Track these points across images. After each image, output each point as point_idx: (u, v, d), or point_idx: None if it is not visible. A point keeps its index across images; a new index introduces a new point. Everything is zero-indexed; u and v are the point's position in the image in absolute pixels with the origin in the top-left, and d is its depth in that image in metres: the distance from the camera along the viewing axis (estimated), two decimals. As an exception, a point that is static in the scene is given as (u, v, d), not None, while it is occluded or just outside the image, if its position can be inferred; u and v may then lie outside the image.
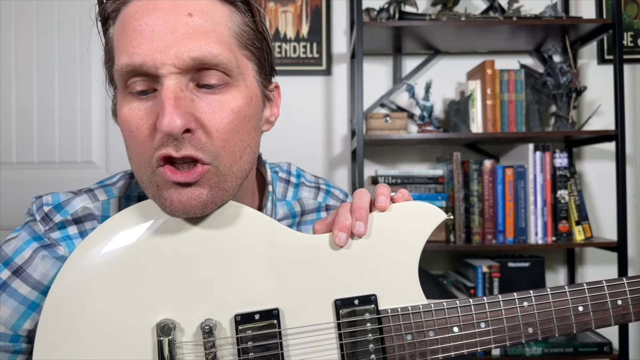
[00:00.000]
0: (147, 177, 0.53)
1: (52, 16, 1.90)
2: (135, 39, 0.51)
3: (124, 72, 0.52)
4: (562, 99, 1.73)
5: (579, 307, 0.57)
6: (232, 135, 0.53)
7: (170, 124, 0.48)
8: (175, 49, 0.50)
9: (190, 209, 0.52)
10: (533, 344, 1.63)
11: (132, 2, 0.53)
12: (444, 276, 1.88)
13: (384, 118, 1.76)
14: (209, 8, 0.53)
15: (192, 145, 0.51)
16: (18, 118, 1.90)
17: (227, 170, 0.54)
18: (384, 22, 1.71)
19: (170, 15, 0.51)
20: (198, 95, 0.52)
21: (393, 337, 0.55)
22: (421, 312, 0.56)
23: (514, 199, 1.68)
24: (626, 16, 1.95)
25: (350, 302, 0.55)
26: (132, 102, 0.53)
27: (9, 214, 1.87)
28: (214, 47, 0.51)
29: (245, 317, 0.54)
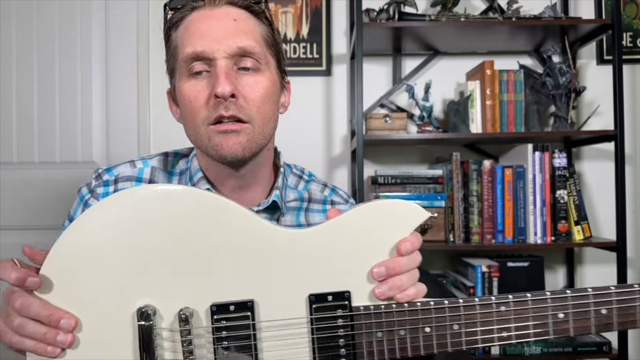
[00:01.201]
0: (203, 132, 0.72)
1: (52, 16, 1.90)
2: (198, 35, 0.71)
3: (188, 58, 0.71)
4: (562, 99, 1.73)
5: (559, 314, 0.56)
6: (262, 105, 0.73)
7: (223, 89, 0.68)
8: (226, 40, 0.71)
9: (234, 150, 0.70)
10: (532, 344, 1.64)
11: (194, 12, 0.74)
12: (443, 276, 1.89)
13: (383, 118, 1.76)
14: (246, 18, 0.74)
15: (236, 108, 0.70)
16: (19, 118, 1.90)
17: (259, 129, 0.73)
18: (384, 22, 1.72)
19: (222, 20, 0.72)
20: (239, 75, 0.72)
21: (363, 334, 0.56)
22: (394, 311, 0.56)
23: (513, 199, 1.69)
24: (625, 16, 1.95)
25: (324, 297, 0.56)
26: (191, 81, 0.73)
27: (9, 214, 1.87)
28: (251, 42, 0.72)
29: (220, 308, 0.55)
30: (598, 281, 1.92)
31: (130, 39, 1.91)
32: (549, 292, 0.57)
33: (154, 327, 0.54)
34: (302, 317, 0.56)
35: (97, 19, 1.91)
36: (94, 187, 0.81)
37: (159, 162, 0.85)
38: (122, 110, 1.92)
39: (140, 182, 0.80)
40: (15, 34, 1.91)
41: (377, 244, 0.58)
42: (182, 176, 0.83)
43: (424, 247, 1.84)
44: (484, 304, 0.56)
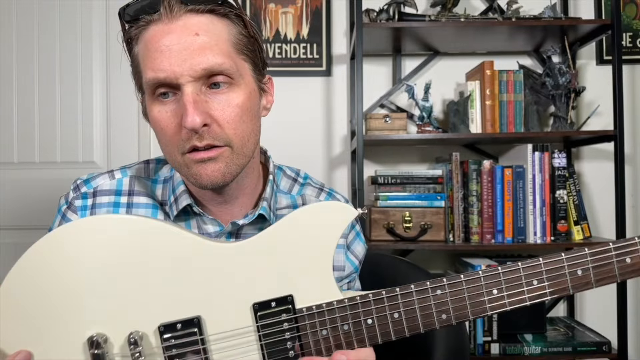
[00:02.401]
0: (179, 161, 0.69)
1: (53, 16, 1.91)
2: (157, 58, 0.65)
3: (151, 84, 0.67)
4: (561, 100, 1.73)
5: (493, 290, 0.58)
6: (239, 124, 0.68)
7: (192, 121, 0.63)
8: (189, 62, 0.64)
9: (214, 178, 0.67)
10: (532, 343, 1.64)
11: (150, 27, 0.67)
12: (443, 276, 1.89)
13: (383, 118, 1.76)
14: (210, 27, 0.67)
15: (210, 136, 0.66)
16: (19, 118, 1.91)
17: (238, 150, 0.69)
18: (384, 23, 1.72)
19: (182, 36, 0.65)
20: (210, 96, 0.67)
21: (309, 334, 0.58)
22: (335, 307, 0.58)
23: (512, 199, 1.69)
24: (625, 17, 1.95)
25: (268, 304, 0.58)
26: (159, 105, 0.68)
27: (9, 214, 1.87)
28: (218, 58, 0.66)
29: (168, 327, 0.57)
30: (598, 281, 1.92)
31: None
32: (480, 272, 0.59)
33: (106, 353, 0.55)
34: (249, 325, 0.58)
35: (98, 19, 1.92)
36: (72, 199, 0.78)
37: (138, 170, 0.82)
38: (123, 110, 1.92)
39: (119, 194, 0.78)
40: (16, 34, 1.91)
41: (312, 245, 0.60)
42: (165, 184, 0.80)
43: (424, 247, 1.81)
44: (420, 289, 0.58)
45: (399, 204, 1.71)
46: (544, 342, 1.65)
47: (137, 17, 0.67)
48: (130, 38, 0.69)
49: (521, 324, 1.71)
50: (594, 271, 0.59)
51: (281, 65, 1.94)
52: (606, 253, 0.59)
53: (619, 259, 0.59)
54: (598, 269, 0.59)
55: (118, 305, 0.57)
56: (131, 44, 0.70)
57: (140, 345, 0.55)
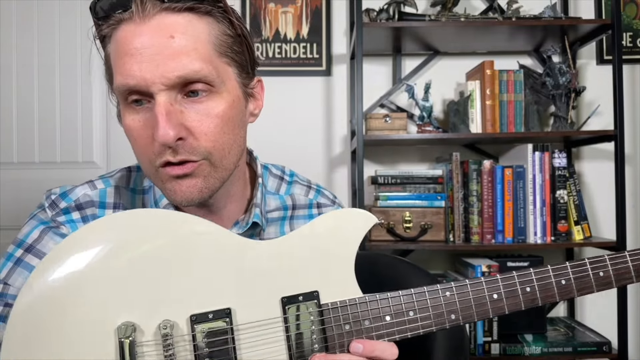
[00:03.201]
0: (153, 174, 0.64)
1: (53, 16, 1.91)
2: (127, 62, 0.59)
3: (121, 90, 0.61)
4: (561, 99, 1.73)
5: (493, 295, 0.64)
6: (220, 136, 0.62)
7: (164, 135, 0.58)
8: (161, 68, 0.58)
9: (190, 195, 0.62)
10: (532, 344, 1.64)
11: (121, 27, 0.60)
12: (443, 276, 1.89)
13: (383, 118, 1.76)
14: (188, 27, 0.60)
15: (185, 151, 0.60)
16: (19, 118, 1.91)
17: (218, 163, 0.63)
18: (384, 22, 1.72)
19: (155, 38, 0.58)
20: (186, 106, 0.61)
21: (333, 327, 0.61)
22: (357, 304, 0.62)
23: (513, 199, 1.69)
24: (625, 16, 1.95)
25: (295, 298, 0.61)
26: (132, 114, 0.62)
27: (9, 214, 1.87)
28: (195, 64, 0.59)
29: (200, 317, 0.59)
30: (598, 281, 1.92)
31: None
32: (482, 278, 0.65)
33: (135, 341, 0.56)
34: (277, 317, 0.61)
35: (98, 19, 1.91)
36: (53, 217, 0.70)
37: (121, 179, 0.75)
38: (122, 110, 1.92)
39: (103, 207, 0.72)
40: (15, 34, 1.91)
41: (336, 247, 0.64)
42: (146, 195, 0.74)
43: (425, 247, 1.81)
44: (432, 290, 0.63)
45: (399, 204, 1.71)
46: (544, 342, 1.65)
47: (108, 14, 0.60)
48: (103, 36, 0.63)
49: (521, 324, 1.70)
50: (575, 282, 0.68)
51: (281, 65, 1.94)
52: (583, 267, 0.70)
53: (594, 272, 0.70)
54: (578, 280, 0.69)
55: (149, 296, 0.59)
56: (104, 41, 0.64)
57: (171, 335, 0.57)
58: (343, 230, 0.65)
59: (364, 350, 0.60)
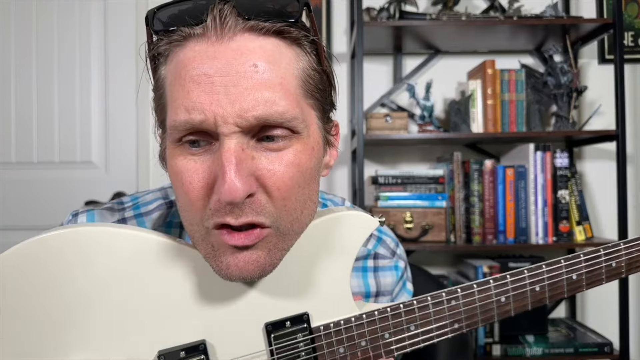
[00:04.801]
0: (201, 235, 0.49)
1: (51, 16, 1.89)
2: (193, 91, 0.46)
3: (181, 129, 0.47)
4: (563, 99, 1.72)
5: (501, 299, 0.59)
6: (294, 191, 0.49)
7: (231, 192, 0.44)
8: (238, 105, 0.45)
9: (247, 273, 0.49)
10: (533, 345, 1.63)
11: (188, 45, 0.47)
12: (444, 276, 1.88)
13: (384, 118, 1.75)
14: (276, 56, 0.48)
15: (253, 210, 0.47)
16: (17, 118, 1.90)
17: (287, 230, 0.50)
18: (384, 21, 1.71)
19: (234, 66, 0.46)
20: (258, 150, 0.48)
21: (326, 353, 0.55)
22: (353, 325, 0.55)
23: (514, 199, 1.68)
24: (627, 16, 1.95)
25: (282, 324, 0.53)
26: (186, 154, 0.49)
27: (9, 214, 1.86)
28: (280, 105, 0.47)
29: (169, 355, 0.50)
30: (599, 281, 1.91)
31: (129, 38, 1.90)
32: (491, 280, 0.60)
33: None
34: (262, 350, 0.53)
35: (96, 19, 1.90)
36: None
37: (159, 219, 0.64)
38: (121, 110, 1.91)
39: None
40: (14, 34, 1.90)
41: (330, 259, 0.55)
42: (183, 230, 0.62)
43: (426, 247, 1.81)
44: (436, 301, 0.58)
45: (399, 204, 1.70)
46: (545, 343, 1.64)
47: (172, 26, 0.48)
48: (159, 54, 0.50)
49: (523, 325, 1.70)
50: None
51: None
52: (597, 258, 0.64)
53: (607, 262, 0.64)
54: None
55: (115, 330, 0.50)
56: (158, 60, 0.51)
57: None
58: (336, 239, 0.55)
59: None
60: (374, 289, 0.73)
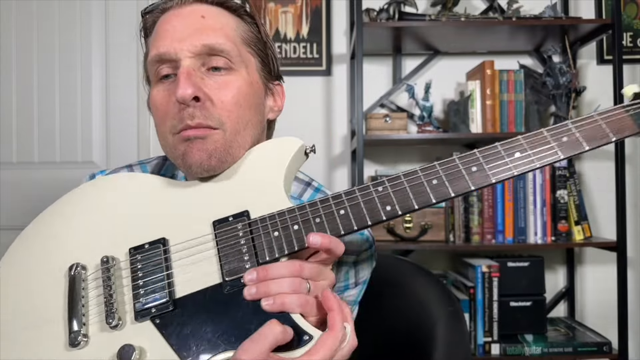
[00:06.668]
0: (170, 142, 0.67)
1: (52, 16, 1.90)
2: (161, 36, 0.67)
3: (152, 62, 0.67)
4: (562, 99, 1.73)
5: (432, 181, 0.61)
6: (235, 107, 0.66)
7: (183, 92, 0.62)
8: (190, 38, 0.65)
9: (199, 159, 0.64)
10: (532, 344, 1.64)
11: (163, 14, 0.70)
12: (443, 276, 1.89)
13: (383, 118, 1.76)
14: (219, 15, 0.69)
15: (203, 114, 0.64)
16: (18, 118, 1.90)
17: (231, 137, 0.66)
18: (384, 22, 1.71)
19: (188, 18, 0.67)
20: (207, 75, 0.66)
21: (262, 235, 0.61)
22: (285, 211, 0.62)
23: (513, 199, 1.69)
24: (625, 16, 1.95)
25: (226, 219, 0.63)
26: (159, 86, 0.68)
27: (9, 214, 1.87)
28: (220, 38, 0.66)
29: (137, 248, 0.63)
30: (598, 281, 1.92)
31: (130, 38, 1.91)
32: (418, 168, 0.62)
33: (82, 277, 0.62)
34: (207, 234, 0.63)
35: (97, 19, 1.91)
36: None
37: (156, 166, 0.83)
38: (122, 110, 1.91)
39: None
40: (15, 34, 1.91)
41: (264, 172, 0.67)
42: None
43: (425, 247, 1.80)
44: (362, 186, 0.62)
45: (399, 204, 1.70)
46: (544, 342, 1.65)
47: (156, 7, 0.71)
48: (147, 29, 0.72)
49: (522, 324, 1.70)
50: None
51: (281, 65, 1.93)
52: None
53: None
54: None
55: (96, 236, 0.66)
56: (146, 37, 0.72)
57: (111, 263, 0.62)
58: (269, 156, 0.68)
59: (322, 243, 0.57)
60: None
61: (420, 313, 0.89)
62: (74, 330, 0.59)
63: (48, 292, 0.63)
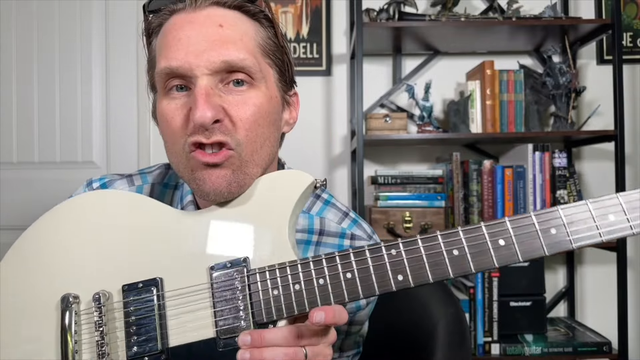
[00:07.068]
0: (183, 162, 0.62)
1: (52, 16, 1.90)
2: (173, 46, 0.60)
3: (163, 74, 0.61)
4: (562, 99, 1.73)
5: (453, 251, 0.54)
6: (254, 126, 0.62)
7: (202, 116, 0.57)
8: (207, 54, 0.59)
9: (218, 186, 0.60)
10: (532, 344, 1.64)
11: (172, 17, 0.63)
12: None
13: (383, 118, 1.76)
14: (237, 22, 0.62)
15: (221, 132, 0.60)
16: (19, 118, 1.90)
17: (248, 157, 0.62)
18: (384, 22, 1.71)
19: (205, 26, 0.60)
20: (225, 91, 0.61)
21: (260, 293, 0.58)
22: (287, 266, 0.58)
23: (513, 199, 1.69)
24: (625, 16, 1.95)
25: (224, 265, 0.60)
26: (169, 98, 0.62)
27: (9, 214, 1.87)
28: (241, 53, 0.60)
29: (130, 286, 0.61)
30: (598, 281, 1.92)
31: (130, 38, 1.91)
32: (438, 232, 0.56)
33: (74, 310, 0.60)
34: (204, 283, 0.60)
35: (97, 19, 1.91)
36: None
37: (158, 176, 0.79)
38: (122, 110, 1.91)
39: None
40: (15, 34, 1.91)
41: (269, 211, 0.62)
42: (176, 190, 0.77)
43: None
44: (373, 248, 0.56)
45: (399, 204, 1.71)
46: (544, 342, 1.65)
47: (163, 6, 0.64)
48: (151, 30, 0.65)
49: (522, 324, 1.70)
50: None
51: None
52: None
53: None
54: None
55: (93, 270, 0.63)
56: (151, 37, 0.66)
57: (103, 303, 0.60)
58: (276, 193, 0.62)
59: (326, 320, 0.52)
60: None
61: (421, 314, 0.89)
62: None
63: (39, 322, 0.62)
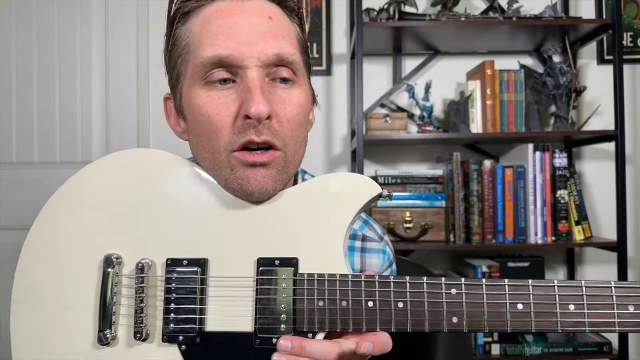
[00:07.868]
0: (222, 160, 0.58)
1: (52, 16, 1.90)
2: (222, 34, 0.57)
3: (208, 64, 0.57)
4: (562, 99, 1.73)
5: (517, 305, 0.51)
6: (297, 126, 0.60)
7: (258, 109, 0.54)
8: (260, 45, 0.57)
9: (264, 186, 0.58)
10: (533, 344, 1.64)
11: (215, 2, 0.59)
12: (444, 276, 1.89)
13: (383, 118, 1.76)
14: (281, 16, 0.61)
15: (270, 132, 0.57)
16: (18, 118, 1.90)
17: (291, 157, 0.60)
18: (384, 22, 1.71)
19: (256, 17, 0.58)
20: (272, 88, 0.59)
21: (305, 300, 0.55)
22: (337, 280, 0.55)
23: (513, 199, 1.69)
24: (626, 16, 1.95)
25: (272, 262, 0.57)
26: (210, 90, 0.58)
27: (9, 214, 1.87)
28: (290, 47, 0.59)
29: (174, 262, 0.59)
30: (598, 281, 1.92)
31: (130, 38, 1.91)
32: (506, 280, 0.52)
33: (116, 273, 0.59)
34: (248, 276, 0.58)
35: (97, 19, 1.91)
36: None
37: None
38: (122, 110, 1.91)
39: None
40: (15, 34, 1.90)
41: (329, 214, 0.59)
42: None
43: (425, 247, 1.81)
44: (432, 282, 0.53)
45: (399, 204, 1.71)
46: (544, 342, 1.65)
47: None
48: (181, 15, 0.61)
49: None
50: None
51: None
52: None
53: None
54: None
55: (137, 235, 0.61)
56: (178, 22, 0.61)
57: (146, 273, 0.59)
58: (341, 197, 0.59)
59: (373, 351, 0.51)
60: (358, 267, 0.75)
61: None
62: (103, 330, 0.58)
63: (80, 278, 0.61)
